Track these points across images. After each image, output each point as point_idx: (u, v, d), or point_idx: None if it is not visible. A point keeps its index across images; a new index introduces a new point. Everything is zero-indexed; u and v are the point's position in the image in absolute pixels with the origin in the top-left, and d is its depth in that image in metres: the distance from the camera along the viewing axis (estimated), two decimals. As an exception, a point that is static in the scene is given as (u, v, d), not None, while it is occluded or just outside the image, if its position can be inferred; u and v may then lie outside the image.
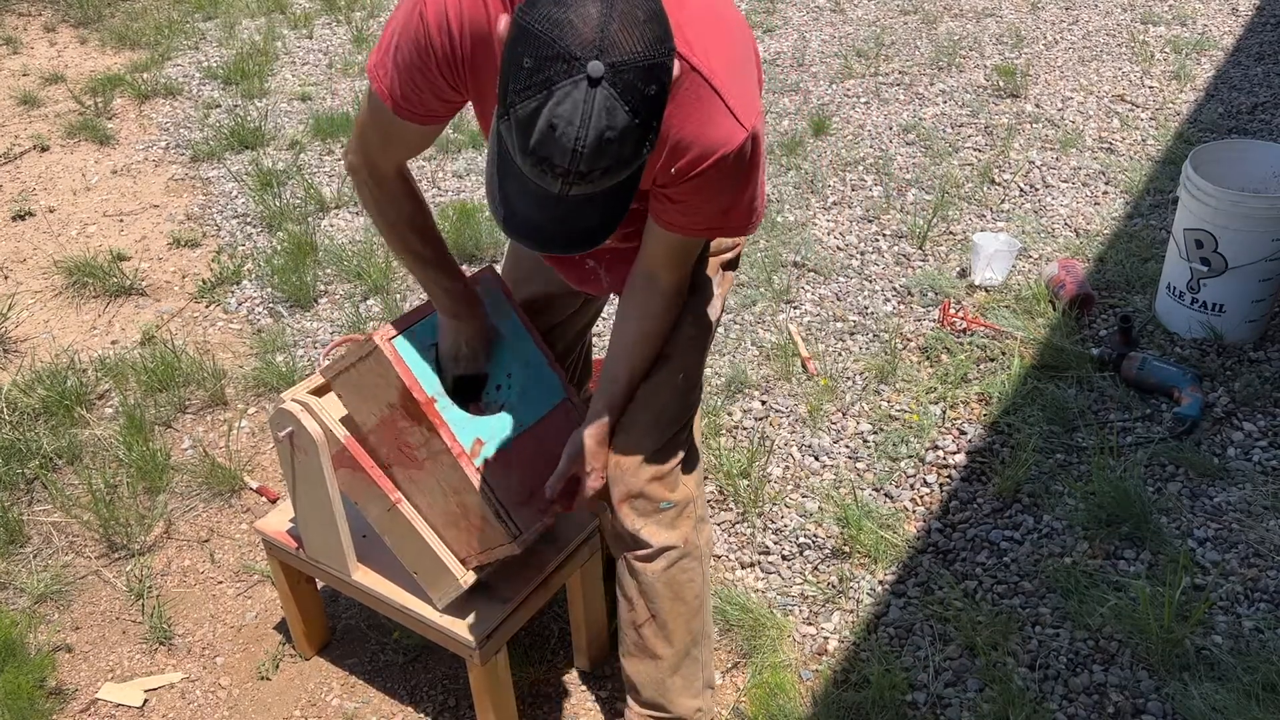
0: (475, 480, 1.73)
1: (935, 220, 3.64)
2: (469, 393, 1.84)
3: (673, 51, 1.24)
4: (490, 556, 1.82)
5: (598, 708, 2.17)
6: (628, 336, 1.74)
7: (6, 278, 3.66)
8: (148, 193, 4.15)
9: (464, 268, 3.52)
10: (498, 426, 1.81)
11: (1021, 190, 3.85)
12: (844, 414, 2.88)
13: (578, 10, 1.19)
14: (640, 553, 1.83)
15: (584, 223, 1.32)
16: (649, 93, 1.21)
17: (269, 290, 3.49)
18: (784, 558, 2.48)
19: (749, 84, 1.47)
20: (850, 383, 2.99)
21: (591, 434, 1.75)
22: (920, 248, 3.54)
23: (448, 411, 1.75)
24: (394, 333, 1.75)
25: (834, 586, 2.40)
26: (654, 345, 1.76)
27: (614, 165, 1.24)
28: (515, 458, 1.81)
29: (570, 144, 1.20)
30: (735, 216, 1.57)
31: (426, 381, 1.75)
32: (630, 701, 1.97)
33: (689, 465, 1.86)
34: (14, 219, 3.99)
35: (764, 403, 2.93)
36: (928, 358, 3.06)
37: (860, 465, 2.72)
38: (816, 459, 2.75)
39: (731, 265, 1.88)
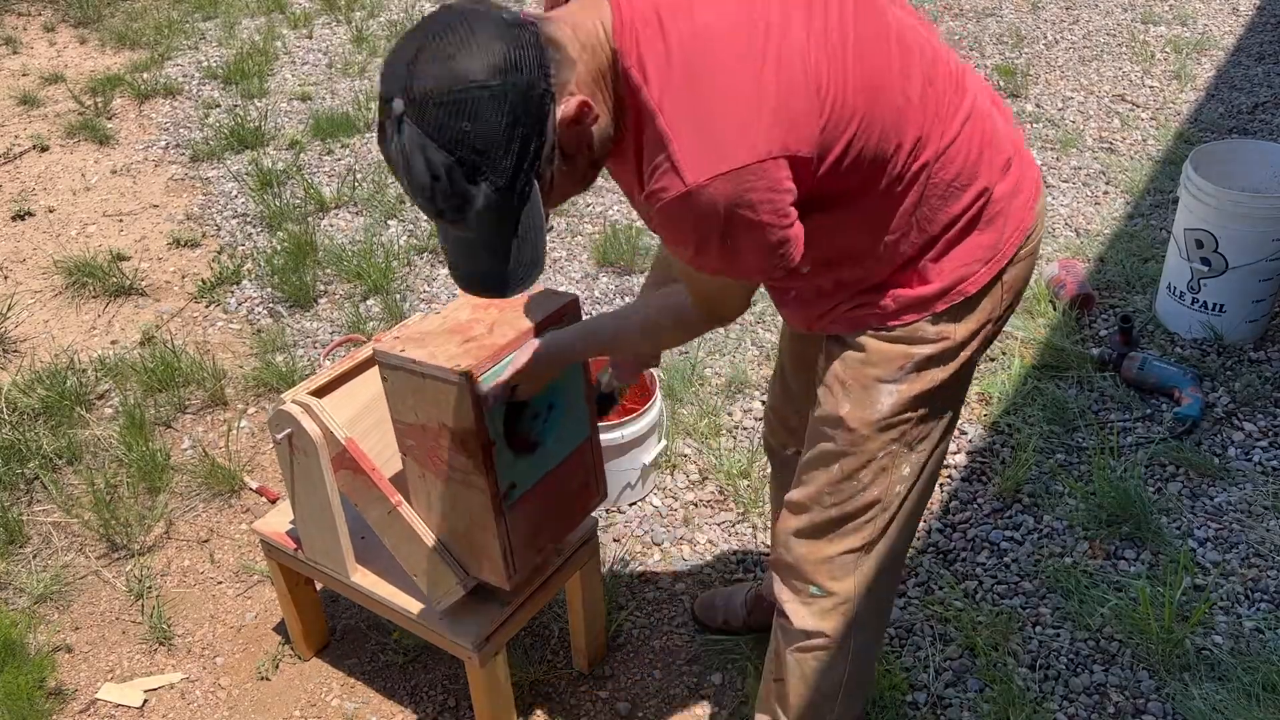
0: (499, 524, 1.74)
1: (935, 220, 3.63)
2: (510, 419, 1.75)
3: (486, 86, 1.15)
4: (478, 578, 1.85)
5: (597, 709, 2.17)
6: (639, 306, 1.62)
7: (6, 278, 3.66)
8: (147, 193, 4.15)
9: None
10: (530, 470, 1.79)
11: (1022, 190, 3.84)
12: (844, 414, 2.88)
13: (397, 49, 1.19)
14: (781, 620, 1.67)
15: (479, 266, 1.28)
16: (462, 129, 1.15)
17: (269, 290, 3.49)
18: (784, 558, 2.48)
19: (718, 129, 1.22)
20: (850, 383, 2.98)
21: (536, 349, 1.64)
22: (920, 247, 3.53)
23: (501, 455, 1.71)
24: (483, 370, 1.63)
25: (834, 587, 2.40)
26: (650, 335, 1.60)
27: (460, 205, 1.19)
28: (534, 499, 1.82)
29: (408, 181, 1.20)
30: (707, 266, 1.34)
31: (491, 421, 1.67)
32: None
33: (865, 567, 1.60)
34: (14, 219, 3.99)
35: (764, 403, 2.93)
36: (928, 358, 3.06)
37: (860, 465, 2.72)
38: (816, 459, 2.74)
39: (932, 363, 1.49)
